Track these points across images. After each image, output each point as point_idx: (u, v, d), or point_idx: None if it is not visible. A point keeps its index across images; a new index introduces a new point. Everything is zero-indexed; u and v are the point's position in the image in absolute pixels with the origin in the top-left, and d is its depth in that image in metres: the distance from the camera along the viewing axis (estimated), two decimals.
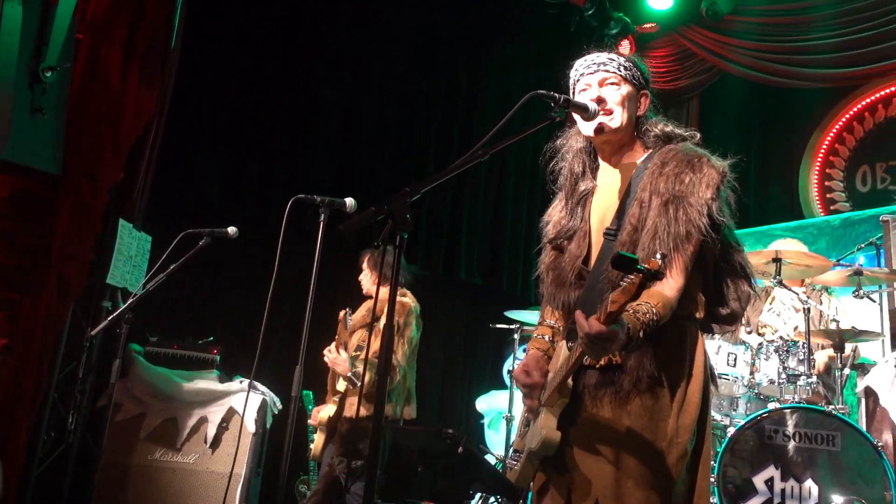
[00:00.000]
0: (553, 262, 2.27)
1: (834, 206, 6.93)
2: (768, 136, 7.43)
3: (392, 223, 1.75)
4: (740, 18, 7.25)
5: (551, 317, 2.33)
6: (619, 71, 2.20)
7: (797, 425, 3.78)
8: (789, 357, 4.15)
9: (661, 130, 2.21)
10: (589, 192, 2.27)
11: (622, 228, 2.07)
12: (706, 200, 1.98)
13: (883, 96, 6.80)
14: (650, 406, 1.95)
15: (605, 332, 1.72)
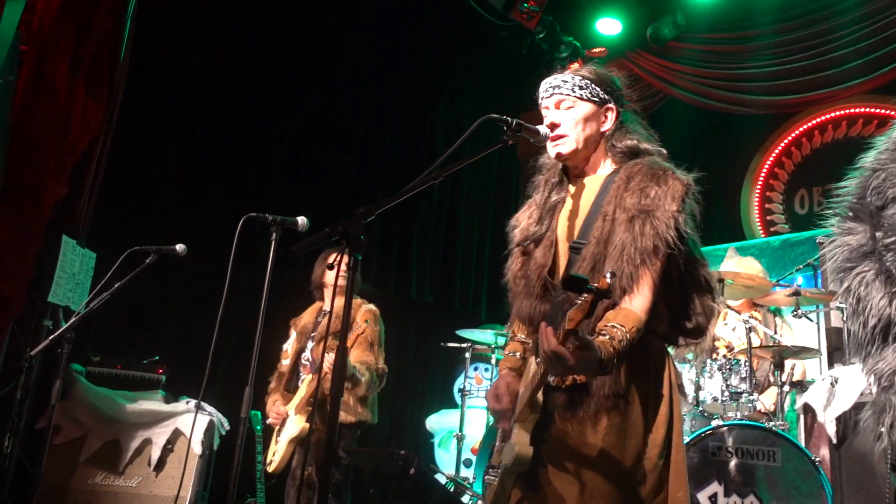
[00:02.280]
0: (521, 269, 2.26)
1: (774, 228, 7.17)
2: (712, 159, 7.64)
3: (346, 245, 1.76)
4: (684, 45, 7.49)
5: (521, 331, 2.32)
6: (573, 92, 2.22)
7: (739, 442, 3.88)
8: (732, 375, 4.27)
9: (626, 146, 2.22)
10: (560, 201, 2.29)
11: (588, 243, 2.08)
12: (672, 213, 2.00)
13: (819, 123, 7.09)
14: (618, 424, 1.95)
15: (560, 351, 1.73)
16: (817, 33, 6.68)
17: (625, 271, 1.93)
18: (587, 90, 2.22)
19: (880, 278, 1.60)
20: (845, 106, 6.90)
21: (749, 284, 4.54)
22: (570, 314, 1.70)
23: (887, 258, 1.60)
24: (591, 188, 2.21)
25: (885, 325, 1.57)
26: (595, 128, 2.23)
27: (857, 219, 1.72)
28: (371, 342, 4.22)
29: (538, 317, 2.15)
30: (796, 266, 5.36)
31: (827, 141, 7.05)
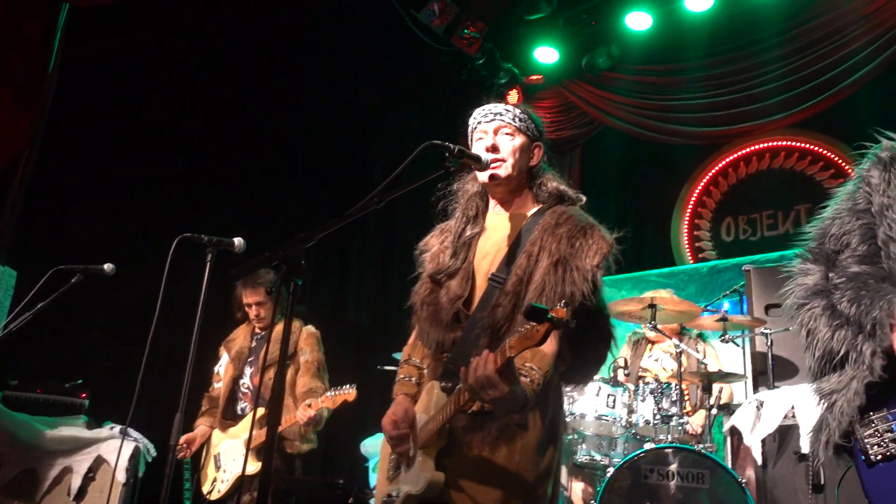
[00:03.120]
0: (430, 295, 2.29)
1: (702, 255, 7.41)
2: (644, 187, 7.88)
3: (286, 269, 1.73)
4: (618, 76, 7.72)
5: (417, 355, 2.36)
6: (513, 121, 2.29)
7: (670, 464, 3.97)
8: (663, 399, 4.37)
9: (554, 188, 2.31)
10: (476, 235, 2.33)
11: (509, 277, 2.13)
12: (592, 267, 2.09)
13: (744, 154, 7.40)
14: (516, 451, 2.04)
15: (494, 379, 1.77)
16: (744, 69, 6.99)
17: None
18: (525, 123, 2.32)
19: (826, 313, 1.78)
20: (769, 139, 7.23)
21: (680, 309, 4.68)
22: (511, 342, 1.73)
23: (835, 296, 1.78)
24: (514, 224, 2.28)
25: (828, 355, 1.75)
26: (526, 161, 2.31)
27: (815, 261, 1.91)
28: (318, 367, 4.16)
29: (447, 345, 2.19)
30: (723, 292, 5.56)
31: (751, 172, 7.36)
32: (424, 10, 6.98)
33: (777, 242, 6.78)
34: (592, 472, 4.81)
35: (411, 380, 2.33)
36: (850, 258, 1.84)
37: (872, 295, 1.70)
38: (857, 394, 1.66)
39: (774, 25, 6.75)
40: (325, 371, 4.23)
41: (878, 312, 1.66)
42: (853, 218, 1.89)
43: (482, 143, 2.28)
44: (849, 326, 1.72)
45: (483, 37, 7.46)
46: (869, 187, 1.90)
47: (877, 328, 1.65)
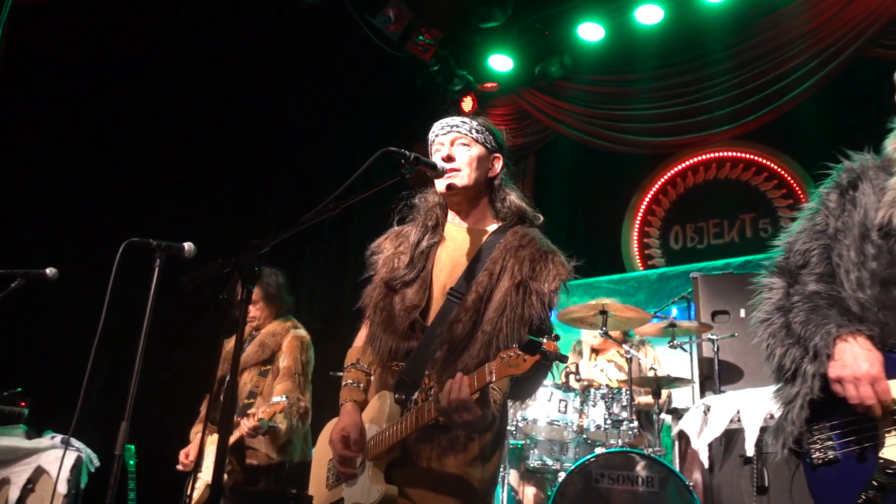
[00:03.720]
0: (383, 300, 2.28)
1: (651, 262, 7.55)
2: (596, 195, 7.99)
3: (239, 276, 1.71)
4: (572, 85, 7.83)
5: (366, 359, 2.34)
6: (470, 133, 2.31)
7: (620, 468, 4.03)
8: (614, 404, 4.44)
9: (515, 206, 2.34)
10: (435, 245, 2.33)
11: (468, 293, 2.15)
12: (549, 292, 2.13)
13: (691, 164, 7.58)
14: (464, 461, 2.08)
15: (469, 404, 1.82)
16: (692, 81, 7.16)
17: (503, 331, 2.06)
18: (482, 135, 2.33)
19: (783, 332, 1.94)
20: (716, 149, 7.41)
21: (629, 316, 4.76)
22: (492, 367, 1.79)
23: (791, 314, 1.93)
24: (474, 238, 2.30)
25: (780, 369, 1.93)
26: (484, 172, 2.32)
27: (779, 274, 2.05)
28: (294, 373, 4.01)
29: (400, 354, 2.20)
30: (672, 299, 5.68)
31: (699, 181, 7.54)
32: (380, 16, 6.97)
33: (723, 250, 6.96)
34: (544, 476, 4.85)
35: (359, 386, 2.31)
36: (809, 275, 1.97)
37: (818, 322, 1.85)
38: (802, 408, 1.85)
39: (722, 40, 6.94)
40: (304, 378, 4.07)
41: (819, 340, 1.82)
42: (813, 238, 2.01)
43: (439, 153, 2.29)
44: (798, 347, 1.88)
45: (438, 44, 7.49)
46: (827, 210, 2.01)
47: (817, 354, 1.82)
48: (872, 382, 1.73)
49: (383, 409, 2.16)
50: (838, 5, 6.34)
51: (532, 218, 2.36)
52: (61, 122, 5.61)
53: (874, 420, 1.76)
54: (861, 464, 1.77)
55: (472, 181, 2.27)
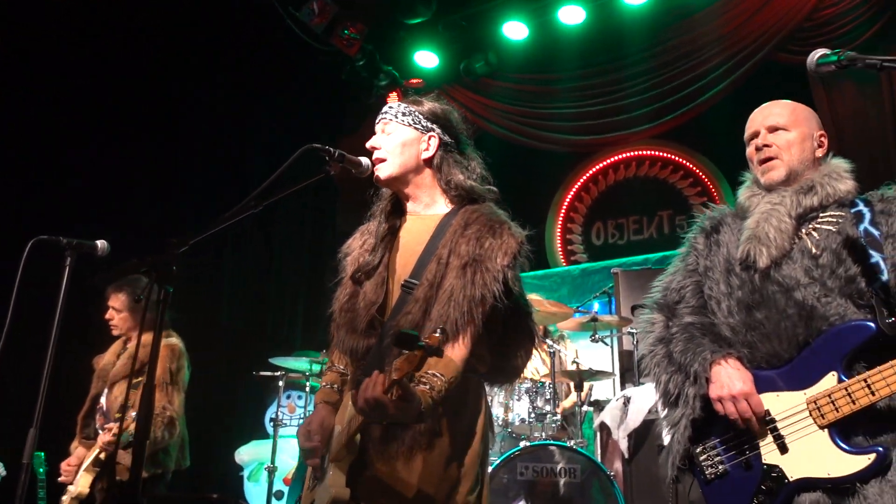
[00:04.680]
0: (348, 301, 2.21)
1: (574, 257, 7.71)
2: (521, 191, 8.07)
3: (156, 276, 1.64)
4: (497, 83, 7.89)
5: (341, 361, 2.28)
6: (395, 117, 2.24)
7: (544, 460, 4.11)
8: (538, 397, 4.52)
9: (460, 185, 2.23)
10: (393, 236, 2.27)
11: (420, 283, 2.08)
12: (502, 267, 2.04)
13: (612, 162, 7.77)
14: (433, 460, 1.98)
15: (382, 400, 1.74)
16: (613, 81, 7.33)
17: (450, 317, 1.97)
18: (410, 116, 2.25)
19: (665, 361, 2.19)
20: (635, 148, 7.63)
21: (553, 311, 4.85)
22: (397, 363, 1.71)
23: (671, 345, 2.19)
24: (426, 226, 2.22)
25: (666, 395, 2.17)
26: (414, 154, 2.23)
27: (659, 310, 2.32)
28: (163, 382, 3.85)
29: (362, 351, 2.14)
30: (594, 293, 5.82)
31: (619, 179, 7.74)
32: (304, 9, 6.86)
33: (642, 246, 7.17)
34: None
35: (333, 387, 2.24)
36: (685, 308, 2.26)
37: (694, 349, 2.12)
38: (686, 428, 2.10)
39: (641, 42, 7.13)
40: (173, 387, 3.90)
41: (697, 366, 2.08)
42: (686, 276, 2.31)
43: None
44: (680, 373, 2.13)
45: (363, 38, 7.41)
46: (696, 252, 2.33)
47: (696, 378, 2.08)
48: (747, 398, 1.99)
49: (345, 409, 2.09)
50: (749, 12, 6.62)
51: (483, 194, 2.26)
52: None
53: (753, 431, 2.02)
54: (748, 472, 2.02)
55: (398, 167, 2.20)
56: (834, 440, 1.93)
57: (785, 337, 2.04)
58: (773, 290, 2.07)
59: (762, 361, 2.07)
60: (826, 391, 1.95)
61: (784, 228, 2.11)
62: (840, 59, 1.77)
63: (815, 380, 1.98)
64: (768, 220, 2.13)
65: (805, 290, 2.03)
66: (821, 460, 1.93)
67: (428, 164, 2.26)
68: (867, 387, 1.90)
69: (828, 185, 2.15)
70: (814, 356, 1.99)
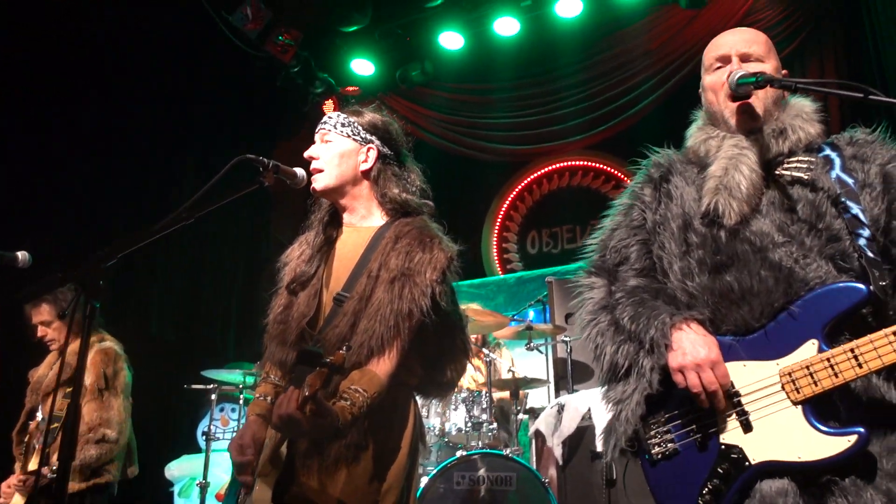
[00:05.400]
0: (282, 313, 2.20)
1: (510, 266, 7.81)
2: (458, 200, 8.14)
3: (82, 291, 1.58)
4: (433, 92, 7.94)
5: (275, 372, 2.24)
6: (335, 127, 2.23)
7: (480, 469, 4.13)
8: (474, 406, 4.54)
9: (395, 199, 2.22)
10: (330, 248, 2.25)
11: (350, 297, 2.07)
12: (431, 282, 2.03)
13: (547, 172, 7.91)
14: (357, 474, 1.97)
15: (296, 416, 1.72)
16: (547, 92, 7.48)
17: (376, 331, 1.96)
18: (349, 127, 2.24)
19: (612, 329, 1.88)
20: (569, 158, 7.79)
21: (489, 321, 4.89)
22: (309, 379, 1.70)
23: (617, 311, 1.88)
24: (361, 238, 2.21)
25: (613, 367, 1.86)
26: (352, 165, 2.22)
27: (598, 274, 2.00)
28: (98, 389, 3.71)
29: (290, 364, 2.12)
30: (529, 302, 5.90)
31: (553, 188, 7.88)
32: (237, 13, 6.74)
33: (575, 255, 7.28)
34: None
35: (267, 399, 2.20)
36: (629, 271, 1.95)
37: (649, 314, 1.81)
38: (638, 404, 1.79)
39: (574, 54, 7.30)
40: (108, 391, 3.75)
41: (654, 332, 1.77)
42: (630, 233, 1.99)
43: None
44: (630, 342, 1.83)
45: (298, 45, 7.34)
46: (643, 204, 2.01)
47: (653, 346, 1.77)
48: (713, 367, 1.70)
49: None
50: (676, 28, 6.85)
51: (418, 207, 2.26)
52: None
53: (715, 407, 1.73)
54: (702, 453, 1.74)
55: (336, 179, 2.19)
56: (808, 419, 1.65)
57: (758, 303, 1.74)
58: (744, 250, 1.78)
59: (727, 329, 1.78)
60: (804, 362, 1.67)
61: (755, 179, 1.83)
62: (758, 81, 1.83)
63: (792, 348, 1.70)
64: (738, 168, 1.84)
65: (781, 249, 1.75)
66: (791, 441, 1.65)
67: (366, 176, 2.25)
68: (854, 358, 1.62)
69: (799, 129, 1.88)
70: (791, 321, 1.71)
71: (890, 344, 1.60)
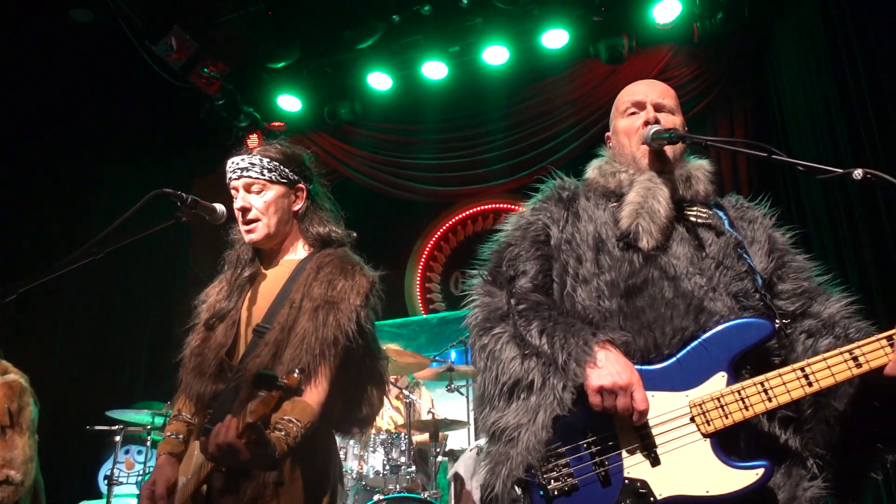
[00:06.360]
0: (199, 346, 2.16)
1: (433, 306, 7.81)
2: (382, 240, 8.13)
3: None
4: (359, 131, 7.96)
5: (188, 409, 2.20)
6: (262, 175, 2.20)
7: None
8: (393, 449, 4.48)
9: (318, 233, 2.26)
10: (251, 279, 2.23)
11: (271, 328, 2.05)
12: (355, 307, 2.06)
13: (471, 214, 8.01)
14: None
15: (236, 445, 1.68)
16: (472, 136, 7.61)
17: (303, 360, 1.95)
18: (276, 172, 2.22)
19: (515, 340, 1.78)
20: (492, 201, 7.91)
21: (410, 361, 4.86)
22: (251, 406, 1.68)
23: (520, 323, 1.80)
24: (282, 272, 2.21)
25: (514, 383, 1.73)
26: (286, 208, 2.24)
27: (495, 283, 1.93)
28: (2, 427, 3.49)
29: (209, 397, 2.07)
30: (451, 342, 5.90)
31: (477, 230, 7.98)
32: (161, 43, 6.60)
33: None
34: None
35: (178, 437, 2.15)
36: (527, 285, 1.88)
37: (565, 330, 1.73)
38: (544, 427, 1.65)
39: (499, 100, 7.47)
40: (12, 428, 3.53)
41: (575, 349, 1.68)
42: (532, 247, 1.94)
43: (236, 203, 2.21)
44: (538, 357, 1.72)
45: (224, 77, 7.23)
46: (549, 219, 1.99)
47: (571, 363, 1.67)
48: (633, 391, 1.64)
49: (191, 459, 2.00)
50: (596, 80, 7.12)
51: (339, 240, 2.30)
52: None
53: (615, 438, 1.67)
54: (605, 488, 1.64)
55: (274, 228, 2.21)
56: (716, 452, 1.64)
57: (670, 329, 1.73)
58: (657, 276, 1.80)
59: (636, 355, 1.74)
60: (715, 393, 1.67)
61: (668, 212, 1.86)
62: (671, 137, 1.92)
63: (701, 380, 1.69)
64: (655, 198, 1.87)
65: (692, 279, 1.79)
66: (699, 475, 1.62)
67: (295, 216, 2.28)
68: (764, 391, 1.64)
69: (700, 182, 1.96)
70: (701, 352, 1.71)
71: (798, 380, 1.65)
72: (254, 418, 1.67)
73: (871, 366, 1.63)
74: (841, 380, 1.65)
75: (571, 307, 1.84)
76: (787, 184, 5.81)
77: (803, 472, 1.72)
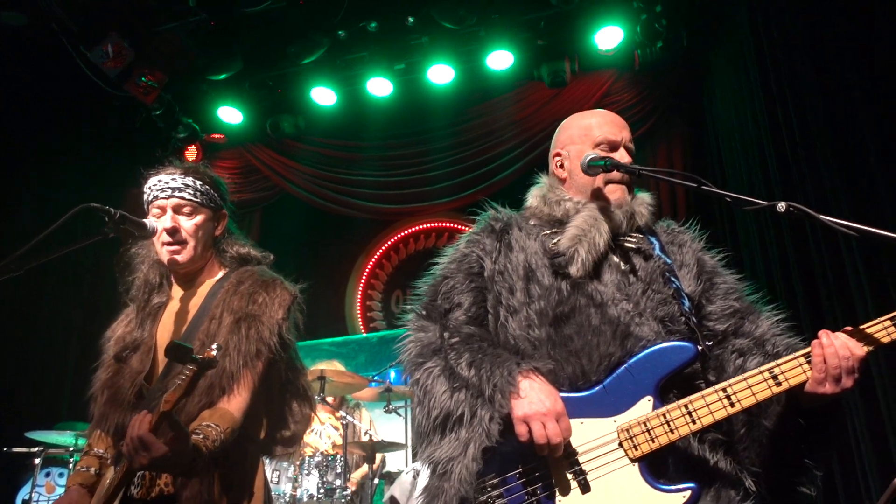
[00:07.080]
0: (111, 378, 2.09)
1: (373, 325, 7.73)
2: (323, 256, 8.03)
3: None
4: (302, 145, 7.86)
5: (100, 444, 2.13)
6: (195, 198, 2.17)
7: None
8: (328, 471, 4.38)
9: (237, 252, 2.26)
10: (162, 305, 2.19)
11: (192, 345, 2.00)
12: (278, 320, 2.06)
13: (413, 232, 7.98)
14: None
15: (148, 439, 1.64)
16: (416, 153, 7.61)
17: (226, 370, 1.93)
18: (207, 196, 2.21)
19: (445, 374, 1.79)
20: (434, 220, 7.90)
21: (347, 381, 4.78)
22: (166, 396, 1.63)
23: (451, 356, 1.81)
24: (200, 293, 2.18)
25: (445, 416, 1.73)
26: (210, 233, 2.23)
27: (429, 318, 1.94)
28: None
29: (128, 427, 1.97)
30: (391, 362, 5.83)
31: (419, 248, 7.95)
32: (96, 50, 6.38)
33: None
34: None
35: (89, 470, 2.07)
36: (461, 317, 1.91)
37: (492, 361, 1.75)
38: (474, 459, 1.66)
39: (444, 119, 7.50)
40: None
41: (500, 379, 1.70)
42: (466, 280, 1.96)
43: (160, 222, 2.14)
44: (467, 390, 1.73)
45: (162, 87, 7.05)
46: (483, 251, 2.01)
47: (496, 394, 1.69)
48: (557, 419, 1.65)
49: (103, 487, 1.91)
50: (540, 102, 7.22)
51: (256, 258, 2.30)
52: None
53: (546, 467, 1.68)
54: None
55: (199, 252, 2.18)
56: (644, 476, 1.66)
57: (597, 356, 1.76)
58: (584, 303, 1.82)
59: (564, 383, 1.76)
60: (641, 418, 1.69)
61: (606, 244, 1.91)
62: (606, 164, 1.96)
63: (628, 405, 1.72)
64: (598, 230, 1.91)
65: (618, 306, 1.82)
66: (628, 500, 1.64)
67: (213, 240, 2.27)
68: (688, 413, 1.68)
69: (643, 218, 2.02)
70: (629, 377, 1.73)
71: (720, 401, 1.68)
72: (168, 407, 1.64)
73: (791, 384, 1.67)
74: (762, 399, 1.68)
75: (504, 338, 1.86)
76: (722, 208, 5.99)
77: (733, 494, 1.73)
